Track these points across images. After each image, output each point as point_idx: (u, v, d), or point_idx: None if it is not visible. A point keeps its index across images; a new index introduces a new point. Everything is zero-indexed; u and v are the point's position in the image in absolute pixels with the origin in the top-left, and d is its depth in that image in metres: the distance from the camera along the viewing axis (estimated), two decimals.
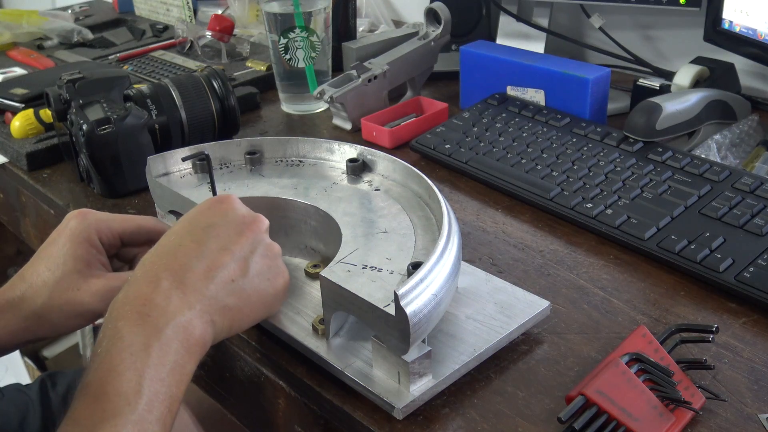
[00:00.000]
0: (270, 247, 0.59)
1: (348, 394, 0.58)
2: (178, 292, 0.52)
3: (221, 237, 0.56)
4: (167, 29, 1.47)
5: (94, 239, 0.64)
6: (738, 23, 0.93)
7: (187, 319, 0.52)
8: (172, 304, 0.51)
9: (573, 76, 0.94)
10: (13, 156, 1.00)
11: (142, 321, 0.50)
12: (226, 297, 0.54)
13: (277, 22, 1.05)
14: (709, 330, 0.59)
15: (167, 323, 0.51)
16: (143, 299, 0.51)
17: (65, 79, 0.88)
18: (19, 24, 1.47)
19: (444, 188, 0.88)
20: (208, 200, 0.60)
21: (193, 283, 0.53)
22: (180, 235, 0.56)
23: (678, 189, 0.78)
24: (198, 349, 0.52)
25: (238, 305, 0.55)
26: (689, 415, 0.54)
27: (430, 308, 0.53)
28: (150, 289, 0.52)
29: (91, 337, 1.78)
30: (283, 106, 1.13)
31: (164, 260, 0.54)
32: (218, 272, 0.54)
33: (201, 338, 0.52)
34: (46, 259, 0.63)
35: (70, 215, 0.65)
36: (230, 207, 0.58)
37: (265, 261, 0.58)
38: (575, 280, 0.70)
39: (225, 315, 0.54)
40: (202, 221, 0.57)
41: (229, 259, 0.55)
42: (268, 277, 0.57)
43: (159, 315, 0.51)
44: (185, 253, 0.54)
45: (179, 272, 0.53)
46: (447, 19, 1.07)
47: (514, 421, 0.55)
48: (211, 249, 0.55)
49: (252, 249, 0.57)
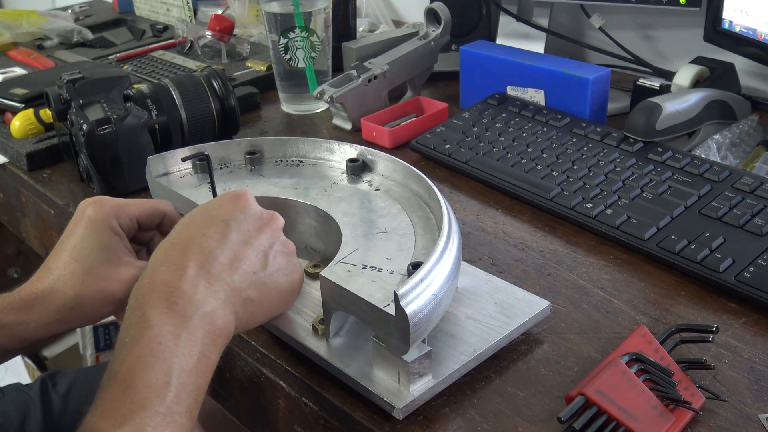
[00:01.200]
0: (287, 243, 0.60)
1: (348, 394, 0.58)
2: (204, 281, 0.52)
3: (242, 230, 0.56)
4: (167, 29, 1.47)
5: (115, 225, 0.64)
6: (738, 23, 0.93)
7: (212, 309, 0.52)
8: (199, 293, 0.52)
9: (573, 76, 0.94)
10: (13, 156, 1.00)
11: (170, 309, 0.50)
12: (248, 289, 0.55)
13: (277, 22, 1.05)
14: (709, 330, 0.59)
15: (195, 312, 0.51)
16: (171, 287, 0.51)
17: (65, 79, 0.88)
18: (19, 24, 1.47)
19: (444, 188, 0.88)
20: (225, 194, 0.60)
21: (218, 273, 0.53)
22: (202, 226, 0.56)
23: (678, 189, 0.78)
24: (222, 340, 0.52)
25: (259, 298, 0.56)
26: (689, 415, 0.54)
27: (430, 308, 0.53)
28: (177, 276, 0.52)
29: (91, 337, 1.78)
30: (283, 106, 1.13)
31: (189, 248, 0.54)
32: (241, 264, 0.55)
33: (225, 328, 0.52)
34: (71, 250, 0.62)
35: (85, 203, 0.64)
36: (247, 203, 0.59)
37: (283, 257, 0.58)
38: (575, 280, 0.70)
39: (246, 307, 0.55)
40: (222, 214, 0.57)
41: (251, 252, 0.56)
42: (285, 273, 0.58)
43: (186, 303, 0.51)
44: (209, 243, 0.54)
45: (205, 262, 0.53)
46: (447, 19, 1.07)
47: (514, 421, 0.55)
48: (234, 241, 0.55)
49: (270, 244, 0.58)
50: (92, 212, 0.64)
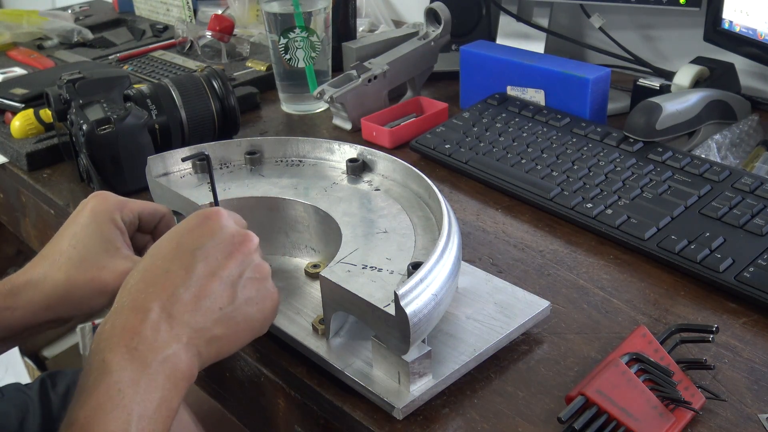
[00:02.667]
0: (259, 268, 0.56)
1: (348, 394, 0.58)
2: (166, 325, 0.51)
3: (209, 260, 0.54)
4: (167, 29, 1.47)
5: (117, 219, 0.63)
6: (738, 23, 0.93)
7: (173, 352, 0.50)
8: (160, 338, 0.50)
9: (573, 76, 0.94)
10: (13, 156, 1.00)
11: (130, 355, 0.49)
12: (213, 327, 0.53)
13: (277, 22, 1.05)
14: (709, 330, 0.59)
15: (155, 357, 0.50)
16: (132, 332, 0.50)
17: (65, 79, 0.88)
18: (19, 24, 1.47)
19: (444, 188, 0.88)
20: (196, 216, 0.57)
21: (180, 314, 0.52)
22: (167, 260, 0.54)
23: (678, 189, 0.78)
24: (184, 383, 0.51)
25: (226, 333, 0.54)
26: (689, 415, 0.54)
27: (430, 308, 0.53)
28: (138, 320, 0.51)
29: (91, 337, 1.78)
30: (283, 106, 1.13)
31: (152, 288, 0.52)
32: (205, 301, 0.53)
33: (187, 371, 0.51)
34: (69, 238, 0.62)
35: (89, 197, 0.65)
36: (218, 225, 0.56)
37: (254, 284, 0.56)
38: (575, 280, 0.70)
39: (212, 344, 0.53)
40: (190, 243, 0.55)
41: (217, 286, 0.54)
42: (256, 302, 0.55)
43: (147, 349, 0.50)
44: (173, 280, 0.53)
45: (167, 303, 0.52)
46: (447, 19, 1.07)
47: (514, 421, 0.55)
48: (199, 275, 0.53)
49: (240, 272, 0.55)
50: (96, 204, 0.64)
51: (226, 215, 0.57)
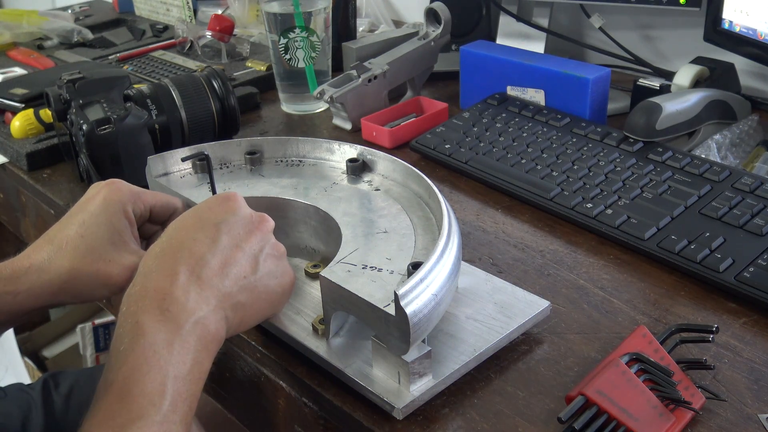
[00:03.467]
0: (277, 246, 0.59)
1: (348, 394, 0.58)
2: (196, 287, 0.52)
3: (232, 234, 0.56)
4: (167, 29, 1.47)
5: (128, 210, 0.63)
6: (738, 23, 0.93)
7: (204, 315, 0.52)
8: (191, 300, 0.52)
9: (573, 76, 0.94)
10: (13, 156, 1.00)
11: (163, 316, 0.50)
12: (239, 293, 0.55)
13: (277, 22, 1.05)
14: (709, 330, 0.59)
15: (187, 319, 0.51)
16: (163, 293, 0.51)
17: (65, 79, 0.87)
18: (19, 24, 1.47)
19: (444, 188, 0.88)
20: (215, 197, 0.59)
21: (209, 278, 0.53)
22: (193, 230, 0.56)
23: (678, 189, 0.78)
24: (214, 346, 0.53)
25: (249, 301, 0.56)
26: (689, 415, 0.54)
27: (430, 308, 0.53)
28: (168, 282, 0.52)
29: (91, 337, 1.78)
30: (283, 106, 1.13)
31: (179, 254, 0.54)
32: (232, 268, 0.55)
33: (217, 334, 0.53)
34: (78, 225, 0.62)
35: (100, 184, 0.64)
36: (237, 205, 0.58)
37: (273, 260, 0.58)
38: (575, 280, 0.70)
39: (237, 311, 0.55)
40: (212, 217, 0.57)
41: (241, 256, 0.56)
42: (276, 276, 0.58)
43: (179, 310, 0.51)
44: (200, 248, 0.54)
45: (196, 267, 0.53)
46: (447, 19, 1.07)
47: (514, 421, 0.55)
48: (224, 245, 0.55)
49: (261, 247, 0.57)
50: (108, 192, 0.63)
51: (242, 198, 0.60)
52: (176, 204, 0.68)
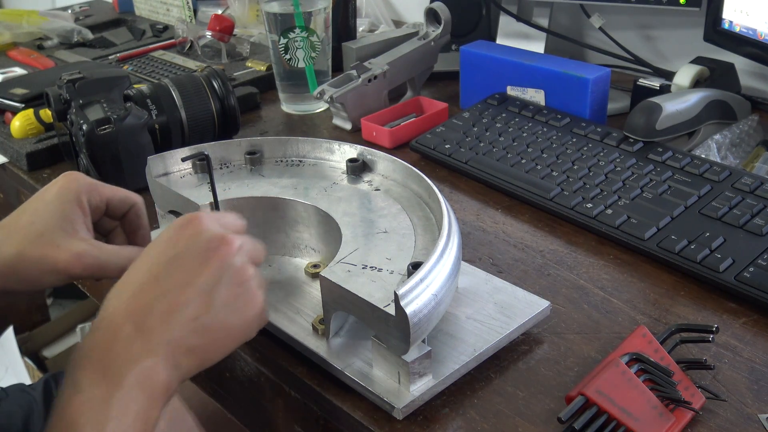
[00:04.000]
0: (239, 272, 0.54)
1: (348, 394, 0.58)
2: (140, 340, 0.50)
3: (184, 269, 0.52)
4: (167, 29, 1.47)
5: (83, 201, 0.63)
6: (738, 23, 0.93)
7: (149, 366, 0.49)
8: (133, 352, 0.49)
9: (573, 76, 0.94)
10: (13, 156, 1.00)
11: (102, 373, 0.49)
12: (189, 337, 0.51)
13: (277, 22, 1.05)
14: (709, 330, 0.59)
15: (128, 372, 0.49)
16: (103, 349, 0.50)
17: (65, 79, 0.87)
18: (19, 24, 1.47)
19: (444, 188, 0.88)
20: (175, 223, 0.55)
21: (154, 327, 0.50)
22: (142, 271, 0.53)
23: (678, 189, 0.78)
24: (162, 396, 0.50)
25: (204, 343, 0.52)
26: (689, 415, 0.54)
27: (430, 308, 0.53)
28: (111, 337, 0.50)
29: None
30: (283, 106, 1.13)
31: (125, 303, 0.52)
32: (180, 311, 0.51)
33: (165, 384, 0.50)
34: (30, 213, 0.62)
35: (60, 176, 0.65)
36: (196, 231, 0.54)
37: (232, 290, 0.53)
38: (575, 280, 0.70)
39: (191, 355, 0.52)
40: (166, 252, 0.54)
41: (192, 295, 0.52)
42: (236, 308, 0.53)
43: (120, 365, 0.49)
44: (146, 293, 0.52)
45: (140, 316, 0.51)
46: (447, 19, 1.07)
47: (514, 421, 0.55)
48: (173, 285, 0.52)
49: (217, 279, 0.53)
50: (65, 182, 0.64)
51: (207, 219, 0.55)
52: (135, 199, 0.67)
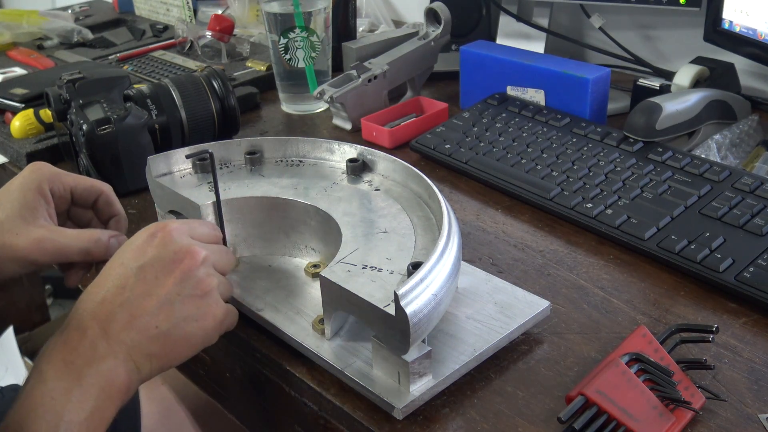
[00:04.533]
0: (200, 284, 0.57)
1: (348, 394, 0.58)
2: (103, 342, 0.53)
3: (147, 280, 0.55)
4: (167, 29, 1.47)
5: (45, 189, 0.65)
6: (738, 23, 0.93)
7: (109, 367, 0.53)
8: (96, 353, 0.53)
9: (573, 76, 0.94)
10: (13, 156, 1.00)
11: (66, 367, 0.52)
12: (149, 344, 0.55)
13: (277, 22, 1.05)
14: (709, 330, 0.59)
15: (89, 371, 0.52)
16: (70, 347, 0.53)
17: (65, 79, 0.88)
18: (19, 24, 1.47)
19: (444, 188, 0.88)
20: (145, 231, 0.58)
21: (116, 333, 0.54)
22: (110, 278, 0.56)
23: (678, 189, 0.78)
24: (119, 396, 0.53)
25: (163, 350, 0.55)
26: (689, 415, 0.54)
27: (430, 308, 0.53)
28: (77, 337, 0.53)
29: None
30: (283, 106, 1.13)
31: (93, 308, 0.55)
32: (141, 320, 0.54)
33: (124, 385, 0.54)
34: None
35: (26, 167, 0.66)
36: (162, 241, 0.57)
37: (193, 302, 0.56)
38: (575, 280, 0.70)
39: (151, 360, 0.55)
40: (133, 261, 0.56)
41: (153, 305, 0.55)
42: (195, 319, 0.56)
43: (83, 363, 0.52)
44: (111, 300, 0.55)
45: (104, 321, 0.54)
46: (447, 19, 1.07)
47: (514, 421, 0.55)
48: (136, 294, 0.55)
49: (180, 290, 0.56)
50: (28, 173, 0.66)
51: (176, 230, 0.58)
52: (101, 188, 0.69)
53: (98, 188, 0.69)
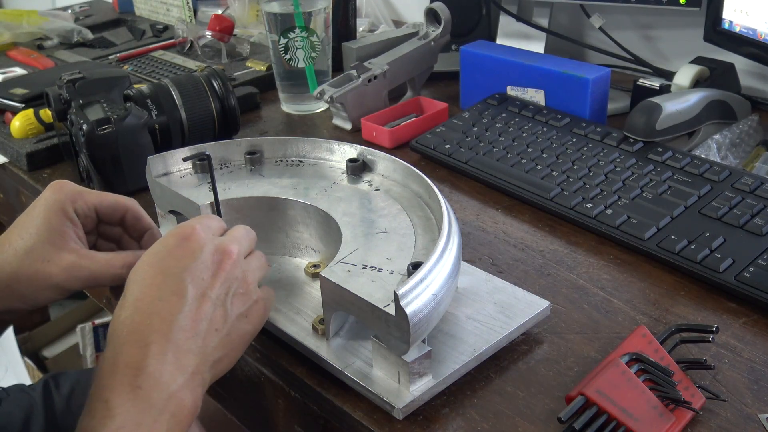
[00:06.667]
0: (242, 280, 0.56)
1: (348, 394, 0.58)
2: (172, 356, 0.50)
3: (197, 282, 0.53)
4: (167, 29, 1.47)
5: (69, 210, 0.62)
6: (738, 23, 0.93)
7: (179, 387, 0.49)
8: (166, 372, 0.49)
9: (573, 76, 0.94)
10: (13, 156, 1.00)
11: (134, 395, 0.48)
12: (214, 351, 0.53)
13: (277, 22, 1.05)
14: (709, 330, 0.59)
15: (160, 396, 0.49)
16: (135, 368, 0.49)
17: (65, 79, 0.88)
18: (19, 24, 1.47)
19: (444, 188, 0.88)
20: (173, 236, 0.55)
21: (184, 341, 0.51)
22: (157, 287, 0.52)
23: (678, 189, 0.78)
24: (189, 418, 0.50)
25: (225, 354, 0.54)
26: (689, 415, 0.54)
27: (430, 308, 0.53)
28: (141, 355, 0.49)
29: (91, 337, 1.78)
30: (283, 106, 1.13)
31: (148, 319, 0.51)
32: (203, 325, 0.52)
33: (193, 405, 0.51)
34: (19, 228, 0.62)
35: (47, 187, 0.64)
36: (197, 245, 0.54)
37: (241, 299, 0.55)
38: (575, 280, 0.70)
39: (215, 368, 0.53)
40: (174, 266, 0.53)
41: (210, 307, 0.53)
42: (245, 315, 0.55)
43: (152, 386, 0.48)
44: (168, 309, 0.51)
45: (167, 332, 0.50)
46: (447, 19, 1.07)
47: (514, 421, 0.55)
48: (191, 298, 0.52)
49: (227, 289, 0.54)
50: (49, 194, 0.63)
51: (203, 231, 0.56)
52: (126, 204, 0.66)
53: (123, 204, 0.66)
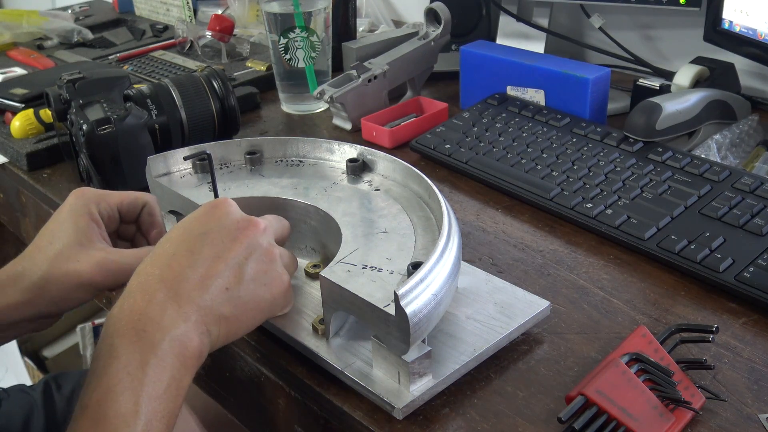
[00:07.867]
0: (267, 251, 0.57)
1: (348, 394, 0.58)
2: (173, 304, 0.52)
3: (215, 244, 0.55)
4: (167, 29, 1.47)
5: (94, 212, 0.65)
6: (738, 23, 0.93)
7: (182, 332, 0.51)
8: (167, 317, 0.51)
9: (573, 76, 0.94)
10: (13, 156, 1.00)
11: (138, 337, 0.50)
12: (221, 306, 0.54)
13: (277, 22, 1.05)
14: (709, 330, 0.59)
15: (163, 337, 0.50)
16: (138, 313, 0.51)
17: (65, 79, 0.87)
18: (19, 24, 1.47)
19: (444, 188, 0.88)
20: (205, 205, 0.58)
21: (187, 293, 0.52)
22: (174, 244, 0.55)
23: (678, 189, 0.78)
24: (194, 362, 0.52)
25: (234, 314, 0.54)
26: (689, 415, 0.54)
27: (430, 308, 0.53)
28: (145, 302, 0.51)
29: (92, 337, 1.78)
30: (283, 106, 1.13)
31: (158, 270, 0.53)
32: (213, 281, 0.54)
33: (197, 350, 0.52)
34: (47, 234, 0.64)
35: (70, 194, 0.66)
36: (225, 212, 0.57)
37: (261, 266, 0.56)
38: (575, 280, 0.70)
39: (221, 324, 0.54)
40: (197, 228, 0.56)
41: (223, 267, 0.54)
42: (264, 283, 0.56)
43: (154, 329, 0.50)
44: (179, 262, 0.54)
45: (174, 283, 0.53)
46: (447, 19, 1.07)
47: (514, 421, 0.55)
48: (205, 257, 0.54)
49: (247, 255, 0.56)
50: (73, 200, 0.65)
51: (233, 204, 0.58)
52: (145, 198, 0.69)
53: (142, 200, 0.68)
